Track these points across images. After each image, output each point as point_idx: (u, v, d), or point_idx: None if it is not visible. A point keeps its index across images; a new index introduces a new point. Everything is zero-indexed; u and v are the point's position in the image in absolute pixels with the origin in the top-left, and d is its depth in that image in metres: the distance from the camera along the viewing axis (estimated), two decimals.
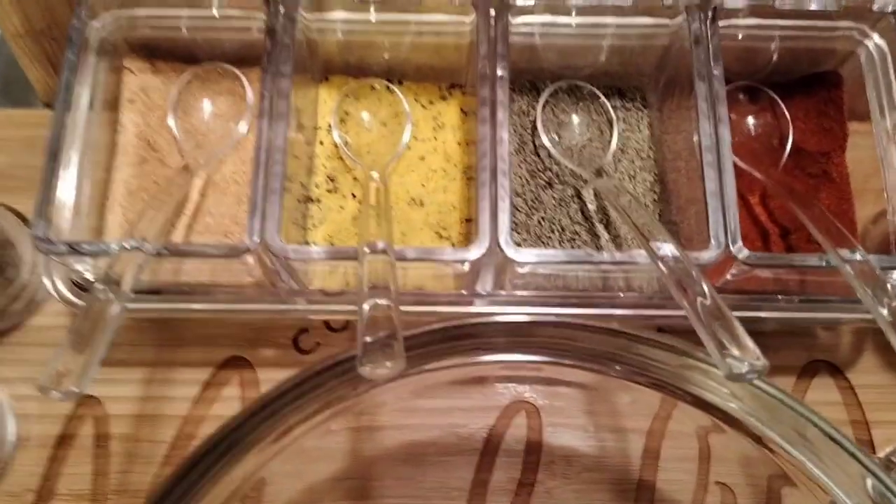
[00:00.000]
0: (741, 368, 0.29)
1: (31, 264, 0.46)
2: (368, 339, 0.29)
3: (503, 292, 0.41)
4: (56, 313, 0.47)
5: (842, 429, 0.35)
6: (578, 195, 0.45)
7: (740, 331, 0.30)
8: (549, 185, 0.45)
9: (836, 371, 0.46)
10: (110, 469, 0.45)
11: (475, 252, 0.36)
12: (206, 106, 0.45)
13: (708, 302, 0.31)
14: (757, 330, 0.36)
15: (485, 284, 0.42)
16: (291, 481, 0.44)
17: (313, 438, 0.36)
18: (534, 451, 0.44)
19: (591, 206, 0.44)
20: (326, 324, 0.47)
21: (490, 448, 0.45)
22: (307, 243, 0.42)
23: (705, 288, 0.32)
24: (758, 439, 0.33)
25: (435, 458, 0.44)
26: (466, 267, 0.39)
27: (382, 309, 0.30)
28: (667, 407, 0.45)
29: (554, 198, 0.45)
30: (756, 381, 0.32)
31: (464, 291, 0.42)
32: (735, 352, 0.29)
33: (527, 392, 0.45)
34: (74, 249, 0.36)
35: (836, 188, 0.44)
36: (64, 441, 0.45)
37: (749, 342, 0.29)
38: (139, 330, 0.47)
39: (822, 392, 0.45)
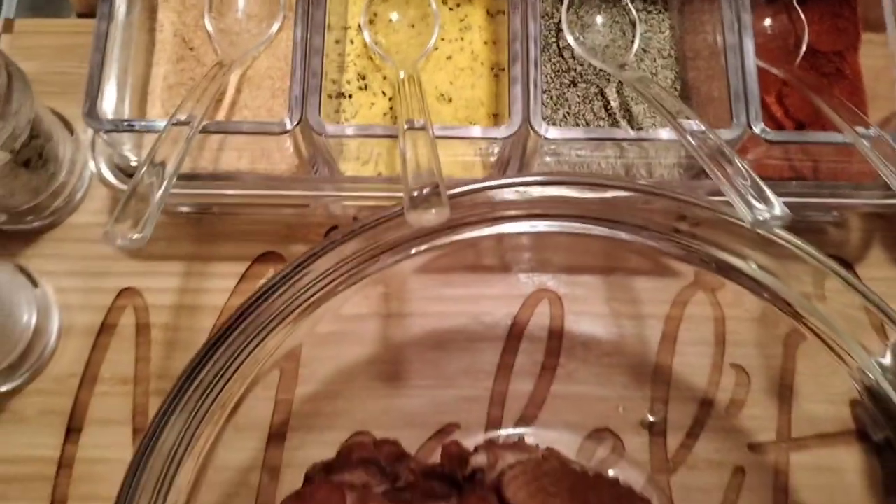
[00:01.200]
0: (766, 215, 0.31)
1: (71, 163, 0.48)
2: (415, 192, 0.31)
3: None
4: (95, 211, 0.49)
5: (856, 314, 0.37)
6: (602, 93, 0.46)
7: (764, 186, 0.32)
8: (573, 84, 0.46)
9: (846, 266, 0.48)
10: (151, 355, 0.47)
11: (506, 130, 0.38)
12: (240, 4, 0.46)
13: (733, 166, 0.33)
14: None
15: (512, 174, 0.43)
16: (325, 364, 0.46)
17: (350, 306, 0.38)
18: (556, 337, 0.47)
19: (615, 104, 0.46)
20: (355, 220, 0.48)
21: (514, 334, 0.47)
22: None
23: (729, 153, 0.34)
24: (776, 297, 0.35)
25: (461, 344, 0.46)
26: (496, 150, 0.40)
27: (426, 166, 0.32)
28: (685, 293, 0.47)
29: (578, 95, 0.46)
30: (778, 231, 0.34)
31: None
32: (760, 204, 0.31)
33: (549, 281, 0.47)
34: (123, 126, 0.38)
35: (850, 84, 0.46)
36: (106, 330, 0.47)
37: (773, 196, 0.31)
38: (176, 225, 0.48)
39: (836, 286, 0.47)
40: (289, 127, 0.38)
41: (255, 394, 0.45)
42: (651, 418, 0.45)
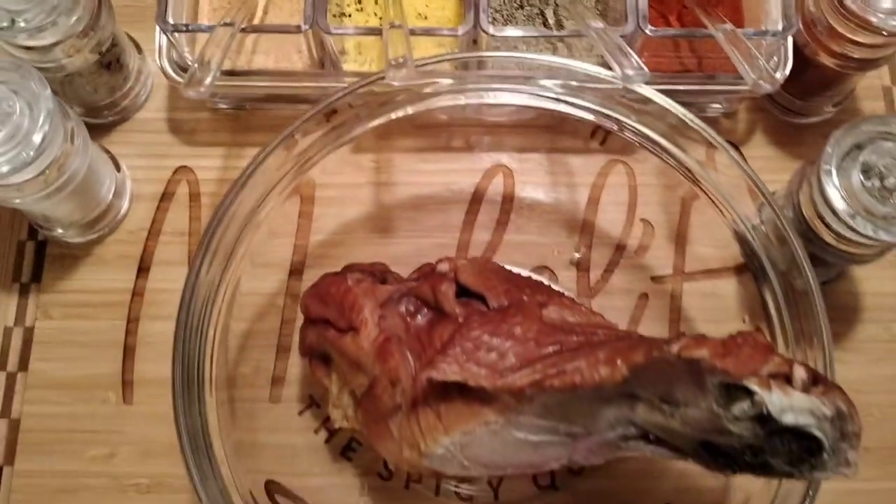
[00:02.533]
0: (629, 73, 0.45)
1: (138, 72, 0.63)
2: (392, 62, 0.45)
3: None
4: (156, 109, 0.64)
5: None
6: (542, 14, 0.61)
7: (632, 55, 0.46)
8: (521, 6, 0.61)
9: (734, 147, 0.62)
10: (201, 216, 0.61)
11: (461, 28, 0.53)
12: None
13: (611, 39, 0.47)
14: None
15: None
16: (332, 220, 0.60)
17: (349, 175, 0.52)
18: (508, 201, 0.61)
19: (551, 21, 0.60)
20: (349, 104, 0.63)
21: (476, 198, 0.61)
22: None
23: (612, 34, 0.48)
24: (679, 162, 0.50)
25: (436, 206, 0.61)
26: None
27: (401, 48, 0.47)
28: (607, 167, 0.61)
29: (524, 16, 0.61)
30: (642, 85, 0.48)
31: None
32: (629, 70, 0.46)
33: (504, 158, 0.62)
34: (185, 28, 0.53)
35: (731, 4, 0.60)
36: (166, 197, 0.61)
37: (637, 60, 0.46)
38: (217, 120, 0.63)
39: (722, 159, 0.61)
40: (304, 28, 0.53)
41: (277, 241, 0.59)
42: (578, 256, 0.60)
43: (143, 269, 0.60)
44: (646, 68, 0.46)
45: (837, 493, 0.50)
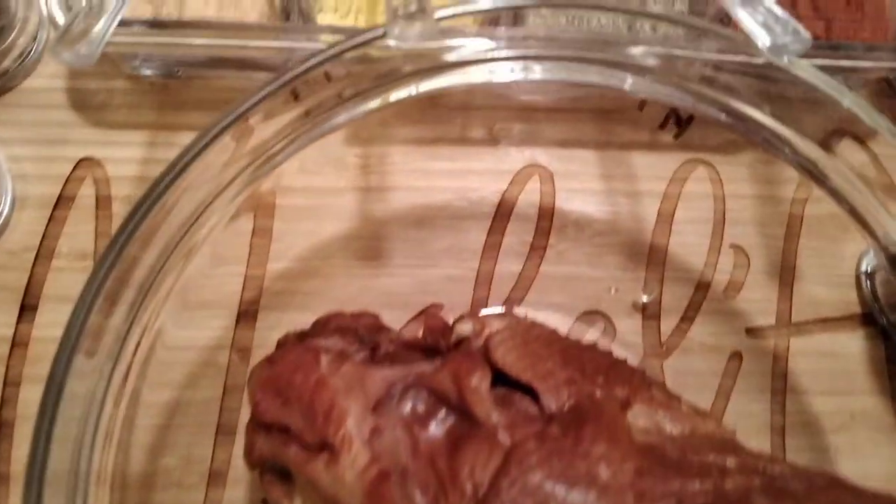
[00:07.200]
0: (784, 39, 0.27)
1: (23, 20, 0.44)
2: (399, 8, 0.28)
3: None
4: (51, 75, 0.45)
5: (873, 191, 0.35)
6: None
7: (781, 13, 0.29)
8: None
9: (859, 141, 0.45)
10: (113, 229, 0.43)
11: None
12: None
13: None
14: (782, 94, 0.35)
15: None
16: (300, 239, 0.43)
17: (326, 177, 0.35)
18: (546, 216, 0.44)
19: None
20: (327, 75, 0.45)
21: (502, 212, 0.44)
22: None
23: None
24: (791, 148, 0.33)
25: (446, 222, 0.43)
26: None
27: None
28: (684, 169, 0.44)
29: None
30: (797, 60, 0.31)
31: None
32: (778, 27, 0.28)
33: (540, 156, 0.44)
34: None
35: None
36: (63, 202, 0.44)
37: (791, 19, 0.28)
38: (140, 92, 0.45)
39: (850, 153, 0.44)
40: None
41: (221, 269, 0.42)
42: (645, 300, 0.43)
43: (27, 308, 0.42)
44: (804, 31, 0.28)
45: None
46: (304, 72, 0.30)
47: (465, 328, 0.35)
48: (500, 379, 0.31)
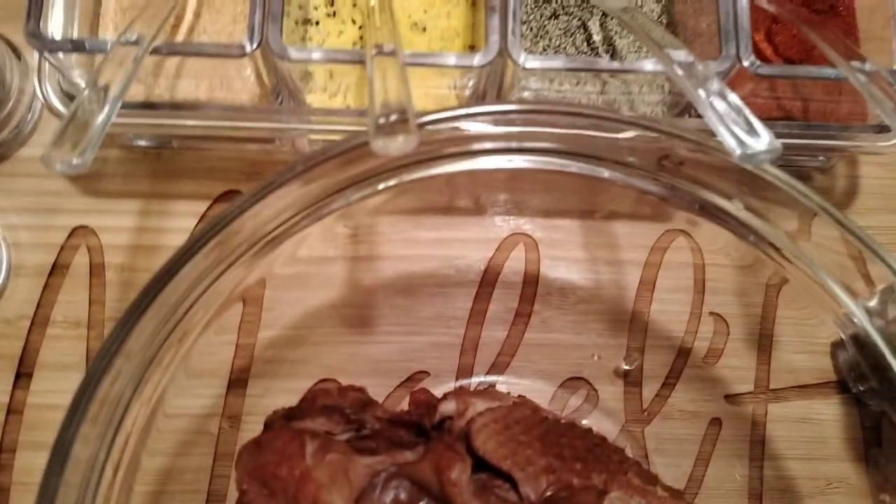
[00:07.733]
0: (754, 148, 0.29)
1: (19, 91, 0.45)
2: (381, 119, 0.29)
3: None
4: (46, 144, 0.46)
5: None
6: (584, 26, 0.44)
7: (754, 119, 0.30)
8: (555, 15, 0.44)
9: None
10: (106, 297, 0.44)
11: (481, 57, 0.36)
12: None
13: (720, 97, 0.31)
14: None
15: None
16: (290, 308, 0.44)
17: (316, 247, 0.36)
18: (531, 283, 0.45)
19: (597, 37, 0.44)
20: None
21: (488, 279, 0.45)
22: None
23: (718, 83, 0.32)
24: (761, 238, 0.34)
25: (432, 289, 0.45)
26: (470, 83, 0.38)
27: (394, 93, 0.30)
28: (665, 238, 0.45)
29: (559, 28, 0.44)
30: (767, 166, 0.32)
31: None
32: (748, 137, 0.29)
33: (525, 224, 0.45)
34: (69, 46, 0.35)
35: (843, 22, 0.44)
36: (58, 270, 0.45)
37: (762, 128, 0.29)
38: (133, 161, 0.46)
39: (822, 229, 0.46)
40: (248, 50, 0.35)
41: (214, 339, 0.43)
42: (626, 367, 0.44)
43: (23, 375, 0.43)
44: (775, 141, 0.29)
45: None
46: (294, 175, 0.31)
47: (449, 408, 0.36)
48: (482, 465, 0.32)
